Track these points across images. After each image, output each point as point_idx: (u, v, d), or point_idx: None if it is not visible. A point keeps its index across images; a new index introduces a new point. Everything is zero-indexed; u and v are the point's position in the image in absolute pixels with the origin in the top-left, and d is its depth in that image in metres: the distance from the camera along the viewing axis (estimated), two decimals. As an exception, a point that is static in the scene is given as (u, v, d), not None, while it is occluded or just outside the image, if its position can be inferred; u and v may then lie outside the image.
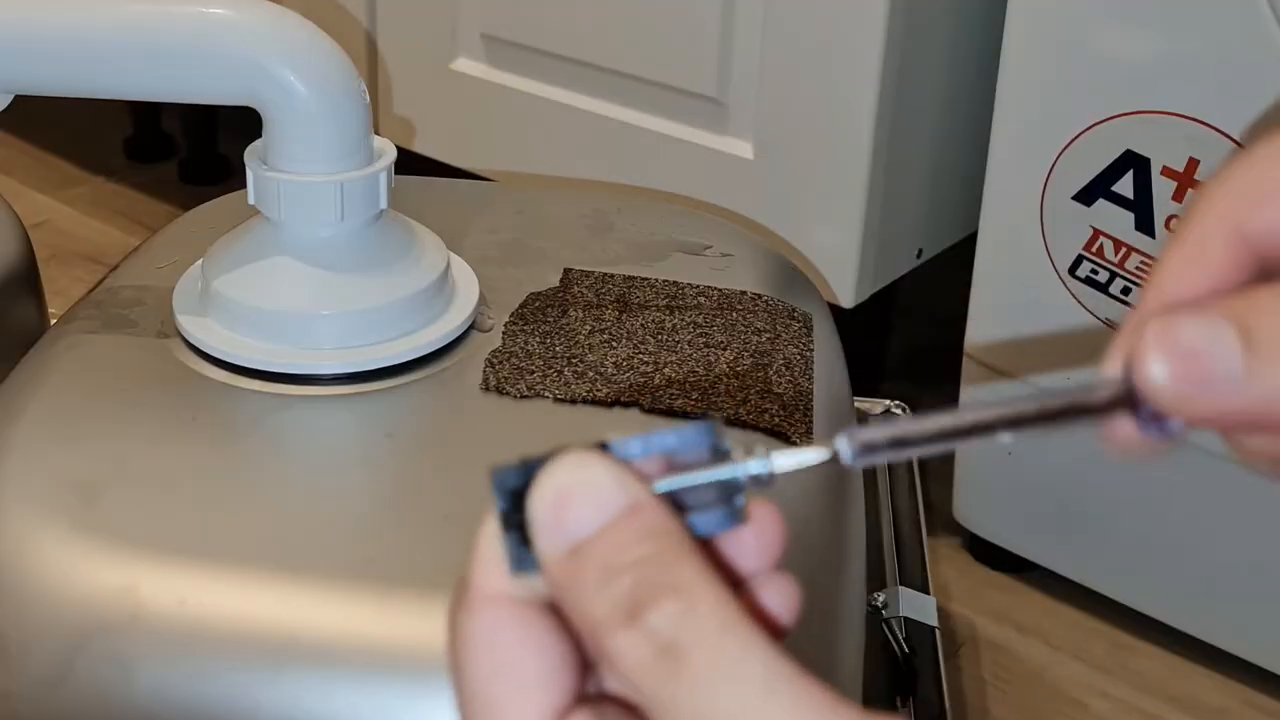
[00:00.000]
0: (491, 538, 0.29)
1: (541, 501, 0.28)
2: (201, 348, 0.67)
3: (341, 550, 0.57)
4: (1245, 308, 0.27)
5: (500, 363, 0.67)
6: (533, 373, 0.67)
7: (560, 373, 0.67)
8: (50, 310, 0.88)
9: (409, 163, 0.79)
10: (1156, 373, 0.27)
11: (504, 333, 0.70)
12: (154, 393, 0.66)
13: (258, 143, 0.68)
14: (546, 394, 0.66)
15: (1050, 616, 1.07)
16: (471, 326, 0.70)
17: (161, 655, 0.54)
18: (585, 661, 0.28)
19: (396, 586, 0.55)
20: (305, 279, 0.67)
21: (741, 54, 1.11)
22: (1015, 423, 0.28)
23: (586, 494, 0.27)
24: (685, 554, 0.26)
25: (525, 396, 0.65)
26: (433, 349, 0.68)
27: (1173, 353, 0.27)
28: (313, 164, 0.66)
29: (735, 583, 0.29)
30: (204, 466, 0.61)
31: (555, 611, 0.28)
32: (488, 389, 0.66)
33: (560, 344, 0.69)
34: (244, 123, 0.70)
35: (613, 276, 0.75)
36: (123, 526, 0.57)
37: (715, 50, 1.12)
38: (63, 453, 0.61)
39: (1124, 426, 0.29)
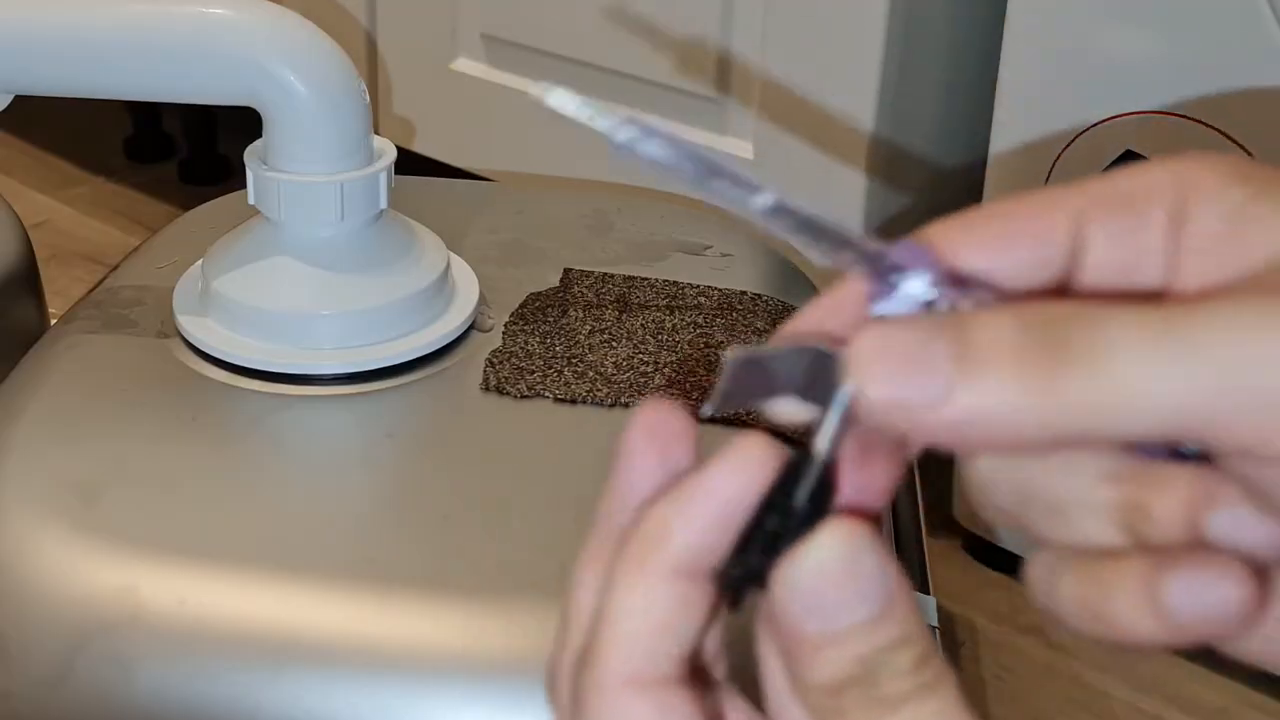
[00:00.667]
0: (625, 614, 0.28)
1: (796, 575, 0.27)
2: (201, 348, 0.67)
3: (341, 550, 0.57)
4: (961, 319, 0.26)
5: (500, 363, 0.67)
6: (533, 373, 0.67)
7: (560, 373, 0.67)
8: (50, 310, 0.88)
9: (409, 163, 0.79)
10: (869, 384, 0.26)
11: (504, 333, 0.70)
12: (154, 393, 0.66)
13: (258, 143, 0.68)
14: (546, 394, 0.66)
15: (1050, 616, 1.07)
16: (471, 326, 0.70)
17: (161, 655, 0.54)
18: None
19: (396, 586, 0.55)
20: (305, 279, 0.67)
21: (741, 54, 1.11)
22: (778, 208, 0.27)
23: (851, 588, 0.27)
24: (923, 661, 0.27)
25: (525, 396, 0.65)
26: (433, 349, 0.68)
27: (882, 360, 0.26)
28: (313, 164, 0.66)
29: None
30: (204, 466, 0.61)
31: (692, 684, 0.28)
32: (488, 389, 0.66)
33: (560, 344, 0.69)
34: (244, 123, 0.70)
35: (613, 276, 0.75)
36: (123, 526, 0.57)
37: (715, 50, 1.12)
38: (63, 453, 0.61)
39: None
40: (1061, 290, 0.29)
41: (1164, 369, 0.25)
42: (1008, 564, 1.11)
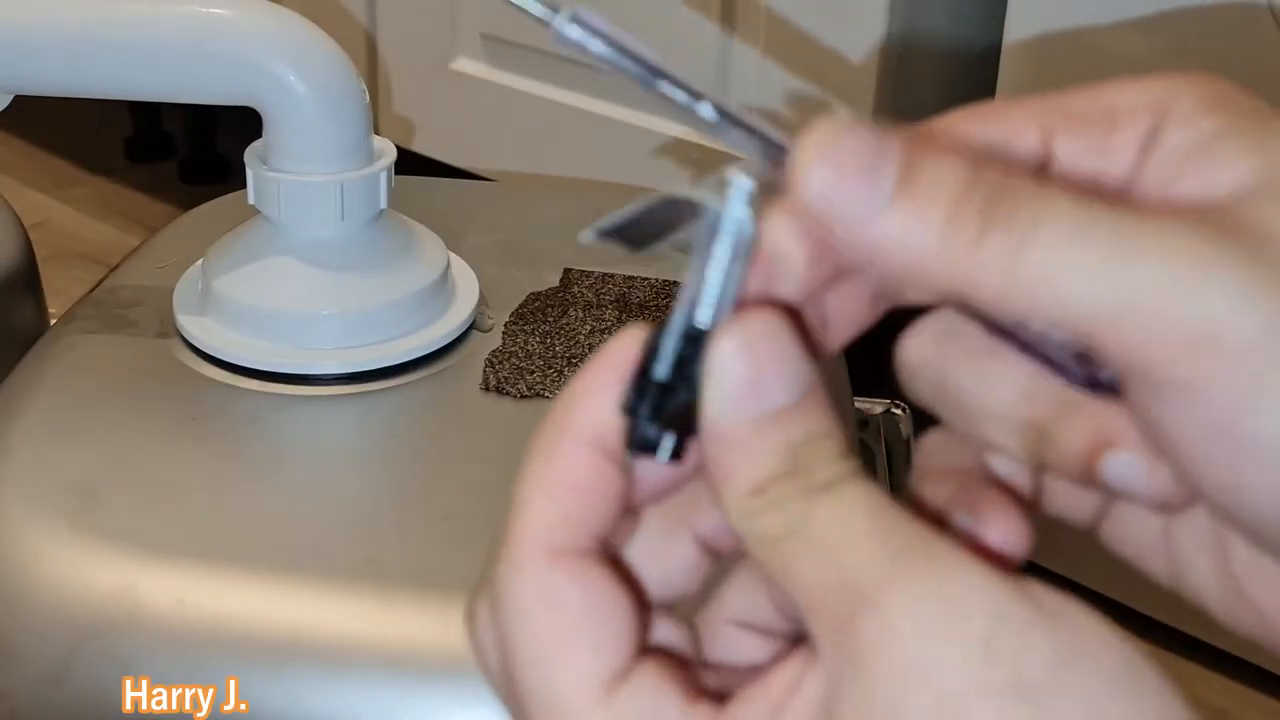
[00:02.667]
0: (536, 486, 0.28)
1: (737, 361, 0.27)
2: (201, 348, 0.67)
3: (341, 550, 0.57)
4: (920, 150, 0.26)
5: (500, 363, 0.67)
6: (533, 373, 0.67)
7: (560, 373, 0.67)
8: (50, 310, 0.88)
9: (409, 163, 0.79)
10: (813, 171, 0.26)
11: (504, 333, 0.70)
12: (154, 393, 0.66)
13: (258, 143, 0.68)
14: (546, 394, 0.66)
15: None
16: (471, 326, 0.70)
17: (161, 655, 0.54)
18: (642, 614, 0.28)
19: (396, 586, 0.55)
20: (305, 279, 0.67)
21: (741, 54, 1.11)
22: (721, 116, 0.27)
23: (782, 367, 0.27)
24: (840, 447, 0.26)
25: (525, 396, 0.65)
26: (433, 349, 0.68)
27: (834, 155, 0.26)
28: (313, 164, 0.66)
29: None
30: (203, 466, 0.61)
31: (610, 560, 0.28)
32: (488, 389, 0.66)
33: (560, 344, 0.69)
34: (244, 123, 0.70)
35: (613, 276, 0.75)
36: (122, 526, 0.57)
37: (715, 50, 1.12)
38: (62, 453, 0.61)
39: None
40: None
41: (1083, 269, 0.25)
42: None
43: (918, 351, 0.30)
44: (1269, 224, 0.25)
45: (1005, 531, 0.29)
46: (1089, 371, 0.28)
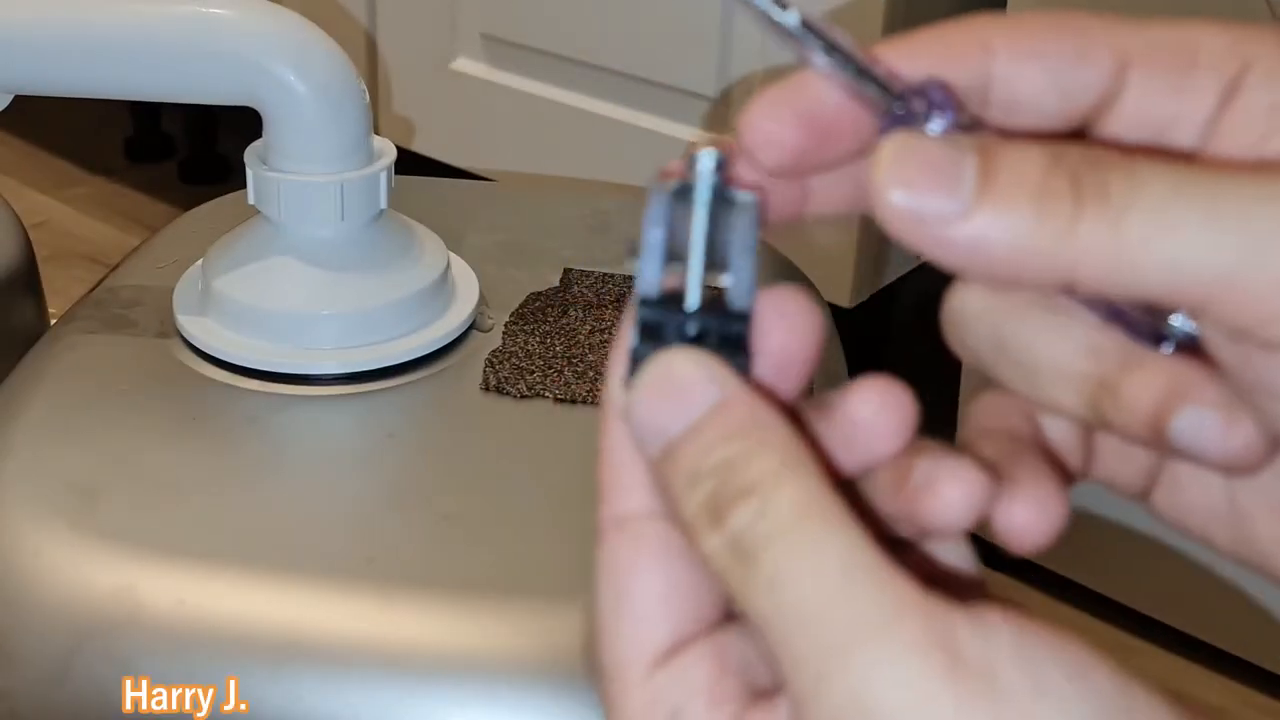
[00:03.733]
0: (619, 459, 0.28)
1: (636, 403, 0.27)
2: (201, 348, 0.67)
3: (341, 550, 0.57)
4: (997, 145, 0.25)
5: (500, 363, 0.67)
6: (533, 373, 0.67)
7: (560, 373, 0.67)
8: (50, 310, 0.88)
9: (409, 163, 0.79)
10: (891, 185, 0.25)
11: (504, 333, 0.70)
12: (154, 393, 0.66)
13: (258, 143, 0.68)
14: (546, 394, 0.66)
15: (1050, 616, 1.07)
16: (471, 326, 0.70)
17: (161, 655, 0.54)
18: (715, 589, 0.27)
19: (396, 586, 0.55)
20: (305, 279, 0.67)
21: (741, 54, 1.11)
22: (805, 27, 0.26)
23: (673, 392, 0.26)
24: (769, 446, 0.25)
25: (525, 396, 0.65)
26: (433, 349, 0.68)
27: (911, 165, 0.25)
28: (313, 164, 0.66)
29: None
30: (203, 466, 0.61)
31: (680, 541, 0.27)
32: (488, 389, 0.66)
33: (560, 344, 0.69)
34: (244, 123, 0.70)
35: (613, 276, 0.75)
36: (122, 526, 0.57)
37: (715, 50, 1.12)
38: (62, 453, 0.61)
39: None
40: (1082, 133, 0.28)
41: (1189, 234, 0.24)
42: (1008, 564, 1.11)
43: (971, 304, 0.28)
44: None
45: (1040, 503, 0.28)
46: (1157, 324, 0.27)
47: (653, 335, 0.28)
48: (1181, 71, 0.27)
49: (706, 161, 0.27)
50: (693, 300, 0.27)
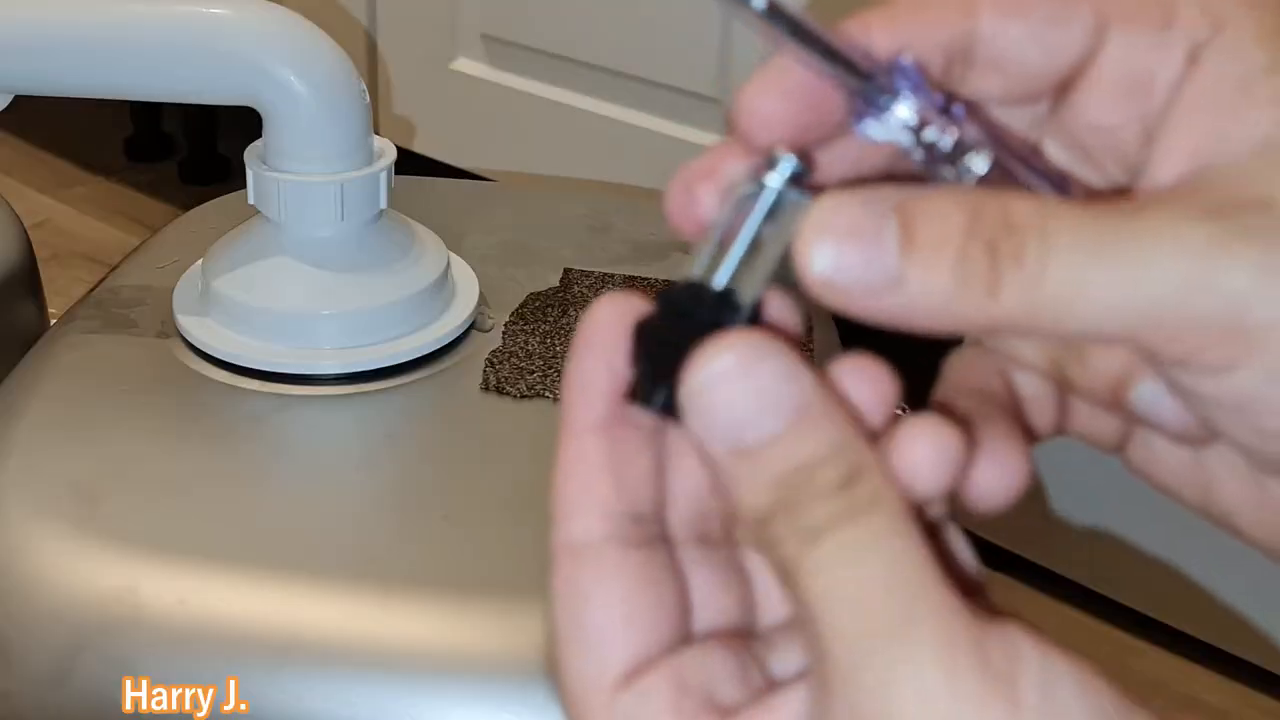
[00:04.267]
0: (577, 481, 0.27)
1: (707, 400, 0.26)
2: (201, 348, 0.67)
3: (341, 550, 0.57)
4: (914, 205, 0.25)
5: (500, 363, 0.67)
6: (533, 373, 0.67)
7: (560, 373, 0.67)
8: (50, 310, 0.88)
9: (409, 163, 0.79)
10: (816, 255, 0.25)
11: (504, 333, 0.70)
12: (154, 393, 0.66)
13: (258, 143, 0.68)
14: (546, 394, 0.66)
15: (1050, 616, 1.07)
16: (471, 326, 0.70)
17: (162, 655, 0.54)
18: (683, 599, 0.27)
19: (396, 586, 0.55)
20: (305, 279, 0.67)
21: (741, 54, 1.11)
22: (772, 9, 0.26)
23: (754, 399, 0.26)
24: (844, 451, 0.25)
25: (525, 396, 0.65)
26: (433, 349, 0.68)
27: (833, 234, 0.25)
28: (313, 164, 0.66)
29: None
30: (204, 466, 0.61)
31: (648, 544, 0.27)
32: (488, 389, 0.66)
33: (560, 344, 0.69)
34: (244, 123, 0.70)
35: (613, 276, 0.75)
36: (123, 526, 0.57)
37: (715, 50, 1.12)
38: (63, 453, 0.61)
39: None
40: (1067, 85, 0.28)
41: (1105, 283, 0.25)
42: (1008, 564, 1.11)
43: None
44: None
45: (1003, 465, 0.28)
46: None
47: (672, 334, 0.27)
48: (1158, 30, 0.28)
49: (786, 167, 0.27)
50: (721, 278, 0.27)
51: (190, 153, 1.65)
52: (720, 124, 1.14)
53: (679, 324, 0.27)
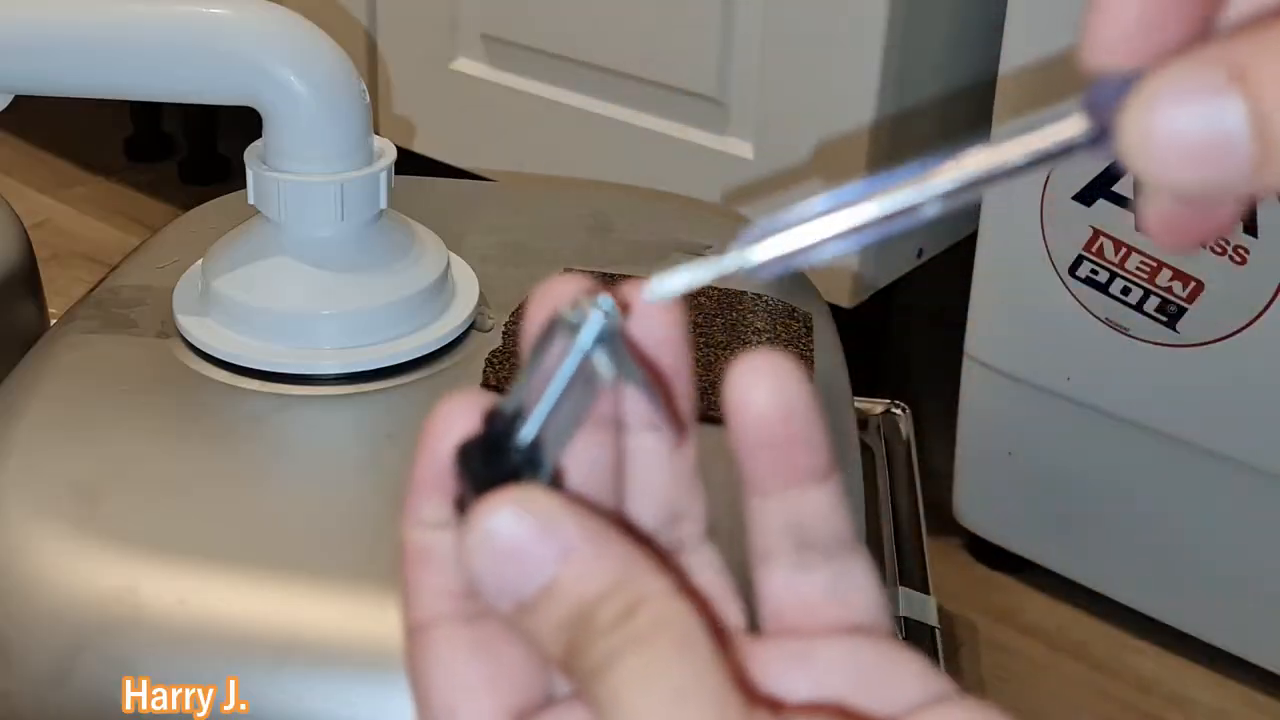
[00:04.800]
0: (419, 574, 0.30)
1: (479, 567, 0.27)
2: (201, 348, 0.67)
3: (341, 550, 0.57)
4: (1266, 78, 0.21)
5: (500, 362, 0.67)
6: (533, 373, 0.67)
7: (560, 373, 0.67)
8: (50, 310, 0.88)
9: (409, 163, 0.79)
10: (1144, 147, 0.22)
11: (504, 333, 0.70)
12: (154, 393, 0.66)
13: (258, 143, 0.68)
14: (546, 394, 0.65)
15: (1050, 616, 1.07)
16: (471, 326, 0.70)
17: (162, 655, 0.54)
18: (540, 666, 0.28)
19: (396, 587, 0.55)
20: (305, 279, 0.67)
21: (741, 54, 1.11)
22: (948, 196, 0.25)
23: (513, 559, 0.26)
24: (623, 585, 0.25)
25: (525, 396, 0.65)
26: (433, 349, 0.68)
27: (1167, 131, 0.21)
28: (313, 164, 0.66)
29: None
30: (204, 466, 0.61)
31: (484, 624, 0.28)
32: (487, 389, 0.66)
33: (560, 344, 0.69)
34: (244, 123, 0.70)
35: (613, 276, 0.75)
36: (123, 526, 0.57)
37: (715, 50, 1.12)
38: (63, 453, 0.61)
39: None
40: None
41: None
42: (1008, 564, 1.11)
43: None
44: None
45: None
46: None
47: (477, 466, 0.28)
48: None
49: (601, 316, 0.27)
50: (528, 433, 0.27)
51: (190, 153, 1.65)
52: (720, 124, 1.14)
53: (486, 464, 0.28)
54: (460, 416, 0.29)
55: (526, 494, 0.26)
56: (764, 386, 0.26)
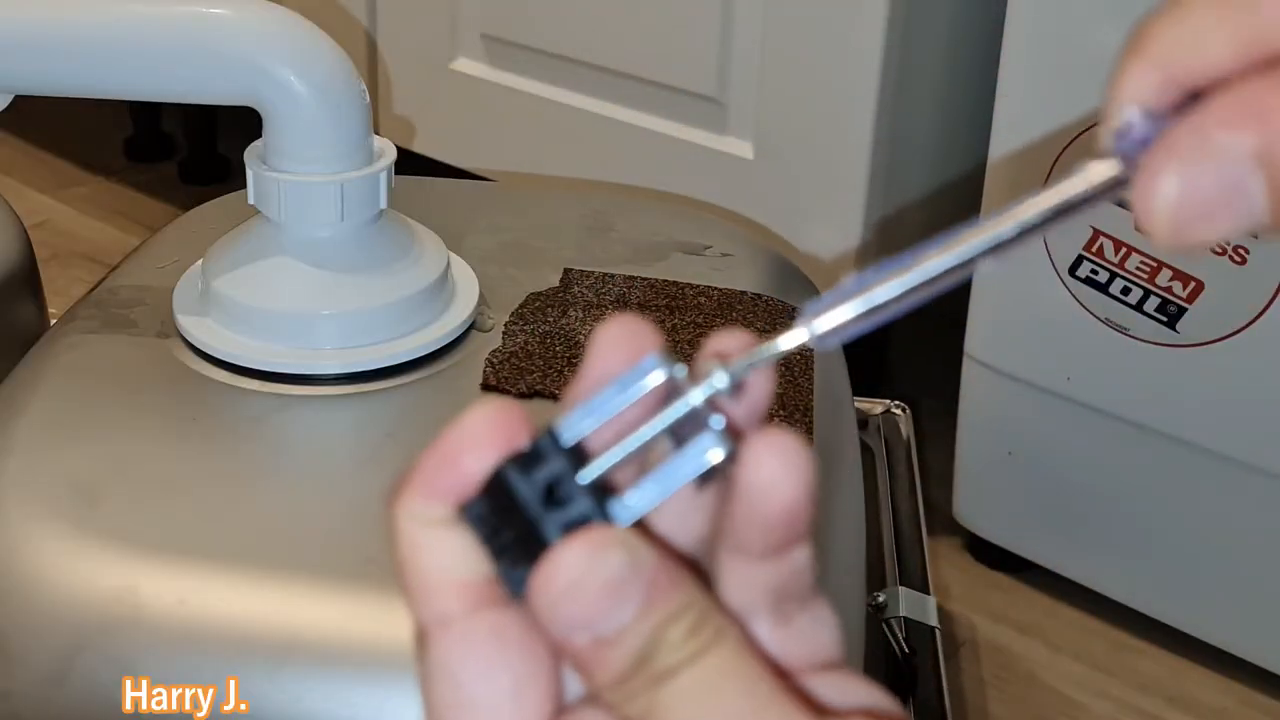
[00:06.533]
0: (432, 554, 0.30)
1: (551, 596, 0.26)
2: (201, 348, 0.67)
3: (341, 550, 0.57)
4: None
5: (500, 362, 0.67)
6: (532, 372, 0.67)
7: (560, 373, 0.67)
8: (50, 310, 0.88)
9: (409, 163, 0.79)
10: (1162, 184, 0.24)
11: (504, 333, 0.70)
12: (154, 393, 0.66)
13: (258, 143, 0.68)
14: (547, 394, 0.65)
15: (1050, 616, 1.07)
16: (471, 326, 0.70)
17: (162, 655, 0.54)
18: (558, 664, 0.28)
19: (396, 586, 0.55)
20: (305, 279, 0.67)
21: (741, 54, 1.11)
22: (995, 248, 0.26)
23: (604, 596, 0.26)
24: (685, 618, 0.26)
25: (525, 396, 0.65)
26: (433, 349, 0.68)
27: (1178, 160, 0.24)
28: (313, 164, 0.66)
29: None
30: (204, 466, 0.61)
31: (519, 615, 0.28)
32: (488, 389, 0.66)
33: (560, 344, 0.69)
34: (244, 123, 0.70)
35: (613, 276, 0.75)
36: (123, 526, 0.57)
37: (715, 50, 1.12)
38: (63, 453, 0.61)
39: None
40: None
41: None
42: (1008, 564, 1.11)
43: None
44: None
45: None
46: None
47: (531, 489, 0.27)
48: None
49: (718, 383, 0.26)
50: (592, 472, 0.27)
51: (190, 153, 1.65)
52: (720, 124, 1.14)
53: (544, 505, 0.27)
54: (497, 431, 0.29)
55: (623, 537, 0.26)
56: (786, 478, 0.26)
